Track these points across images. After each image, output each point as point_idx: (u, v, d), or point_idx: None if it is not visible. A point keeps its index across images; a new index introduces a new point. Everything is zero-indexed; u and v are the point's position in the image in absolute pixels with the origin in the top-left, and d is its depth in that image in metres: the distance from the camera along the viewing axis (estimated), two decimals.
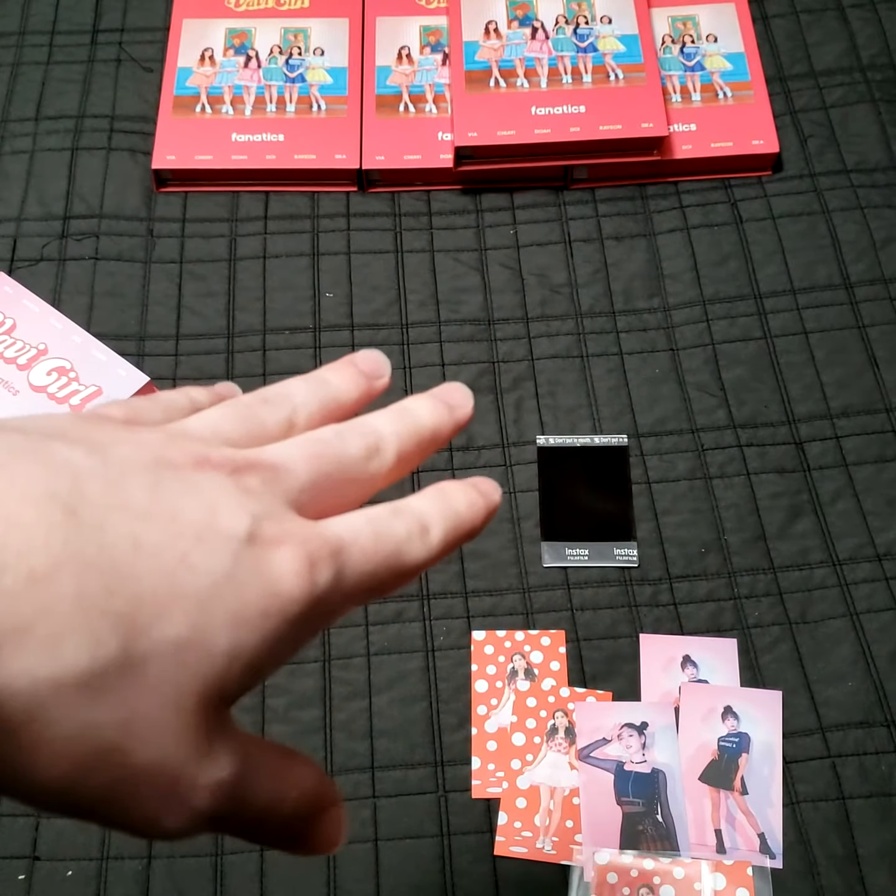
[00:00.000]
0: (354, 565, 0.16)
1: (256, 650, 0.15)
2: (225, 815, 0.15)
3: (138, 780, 0.14)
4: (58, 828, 0.40)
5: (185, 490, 0.15)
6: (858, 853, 0.40)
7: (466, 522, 0.18)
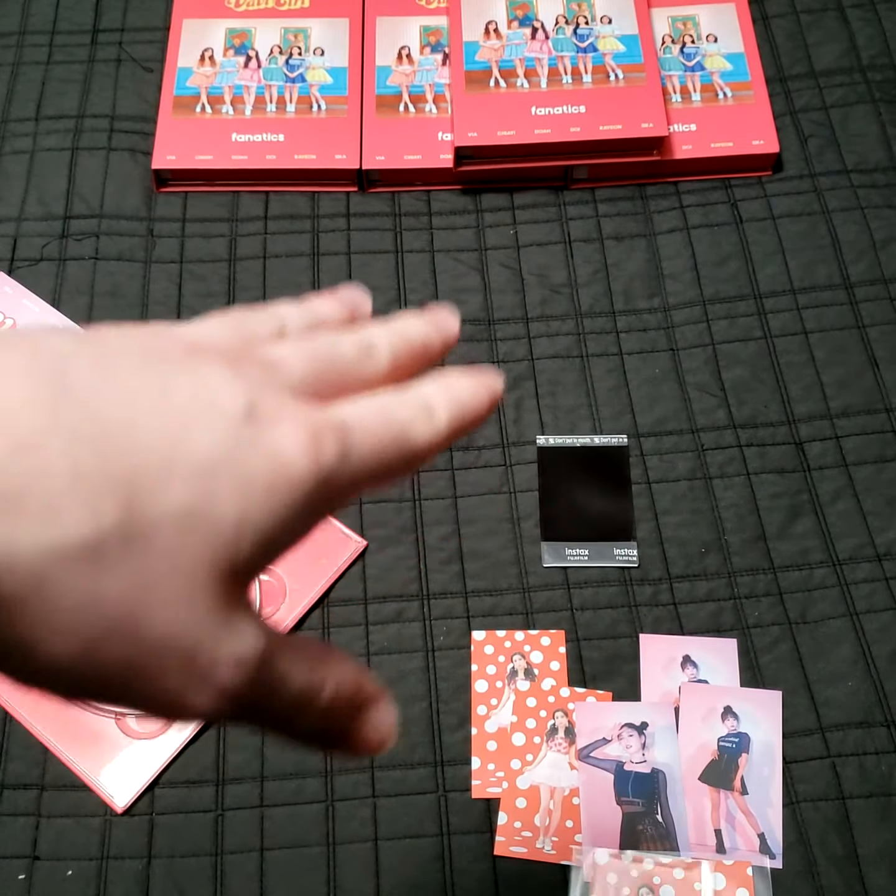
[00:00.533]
0: (360, 444, 0.16)
1: (265, 524, 0.14)
2: (254, 700, 0.15)
3: (152, 654, 0.13)
4: (58, 827, 0.40)
5: (179, 371, 0.15)
6: (858, 853, 0.40)
7: (470, 409, 0.18)
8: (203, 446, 0.14)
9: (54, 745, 0.41)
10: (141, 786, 0.41)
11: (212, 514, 0.14)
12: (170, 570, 0.13)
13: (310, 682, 0.16)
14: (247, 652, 0.15)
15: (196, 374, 0.15)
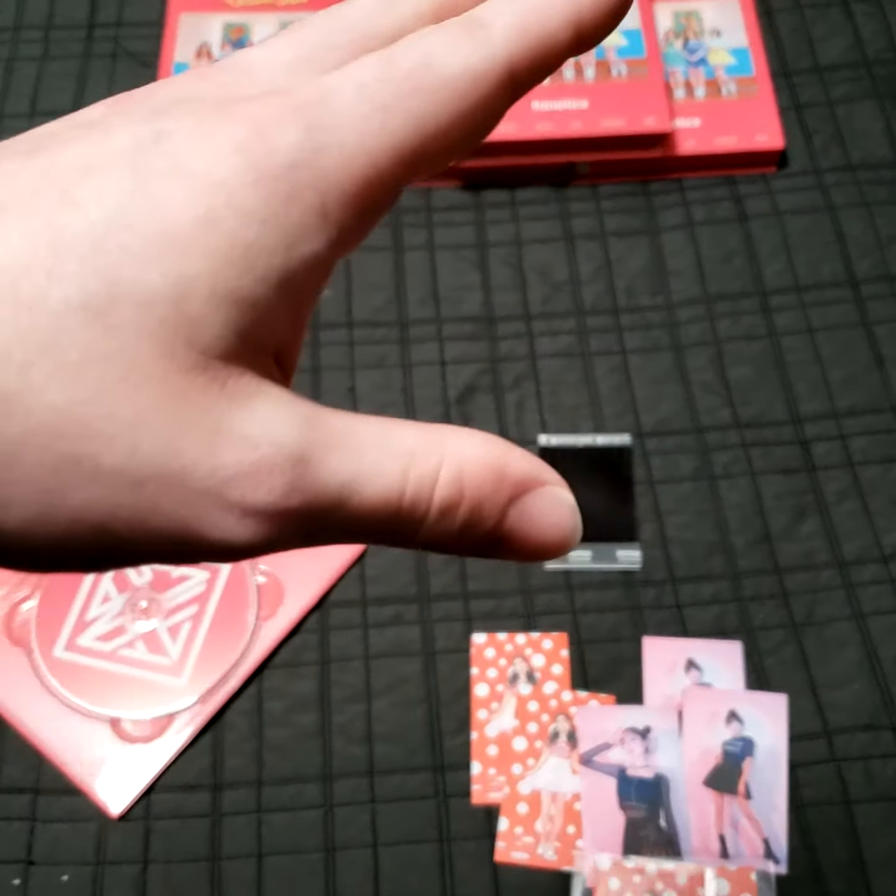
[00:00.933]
0: (348, 110, 0.12)
1: (210, 267, 0.11)
2: (314, 514, 0.12)
3: (131, 485, 0.11)
4: (53, 832, 0.40)
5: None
6: (864, 858, 0.39)
7: (566, 7, 0.13)
8: (91, 213, 0.11)
9: (48, 749, 0.41)
10: (136, 791, 0.40)
11: (129, 289, 0.11)
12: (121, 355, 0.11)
13: (406, 477, 0.12)
14: (269, 453, 0.11)
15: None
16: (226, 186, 0.11)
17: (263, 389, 0.12)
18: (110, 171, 0.12)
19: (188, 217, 0.11)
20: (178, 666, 0.42)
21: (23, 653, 0.43)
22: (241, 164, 0.12)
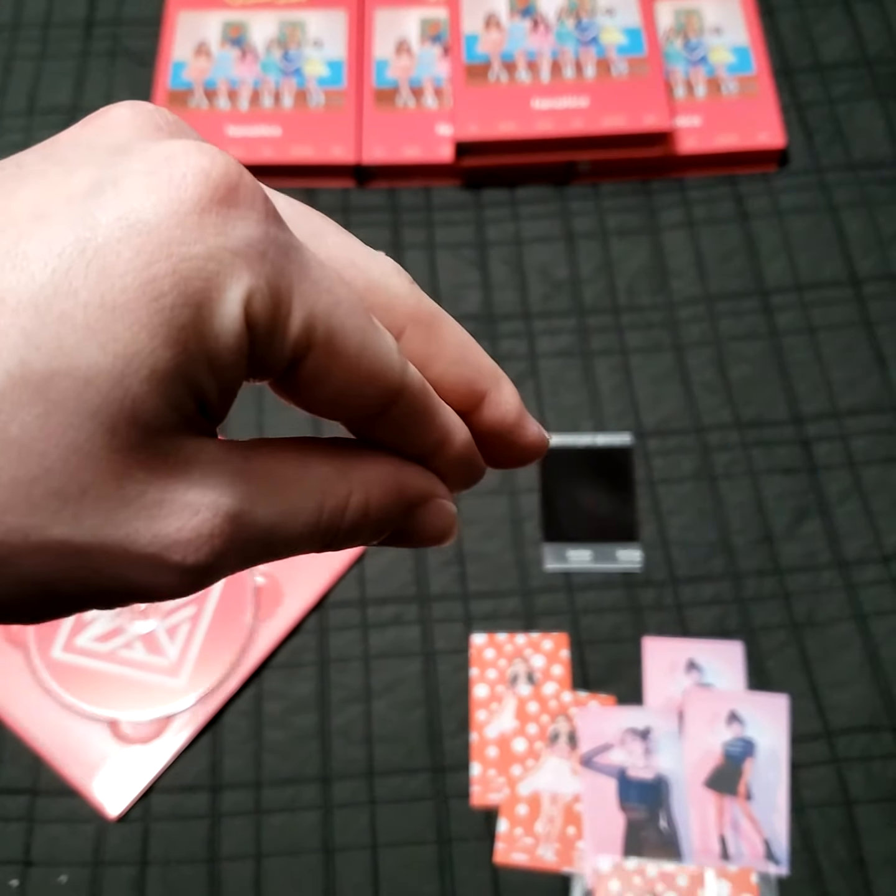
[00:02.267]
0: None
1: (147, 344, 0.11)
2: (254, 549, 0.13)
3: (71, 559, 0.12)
4: (51, 833, 0.40)
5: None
6: (865, 859, 0.39)
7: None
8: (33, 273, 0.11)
9: (47, 750, 0.41)
10: (135, 792, 0.40)
11: (69, 364, 0.11)
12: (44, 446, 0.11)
13: (322, 509, 0.14)
14: (205, 521, 0.13)
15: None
16: (172, 252, 0.12)
17: (199, 456, 0.13)
18: (59, 224, 0.12)
19: (134, 285, 0.11)
20: (176, 667, 0.42)
21: (21, 654, 0.43)
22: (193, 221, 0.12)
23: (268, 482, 0.14)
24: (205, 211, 0.12)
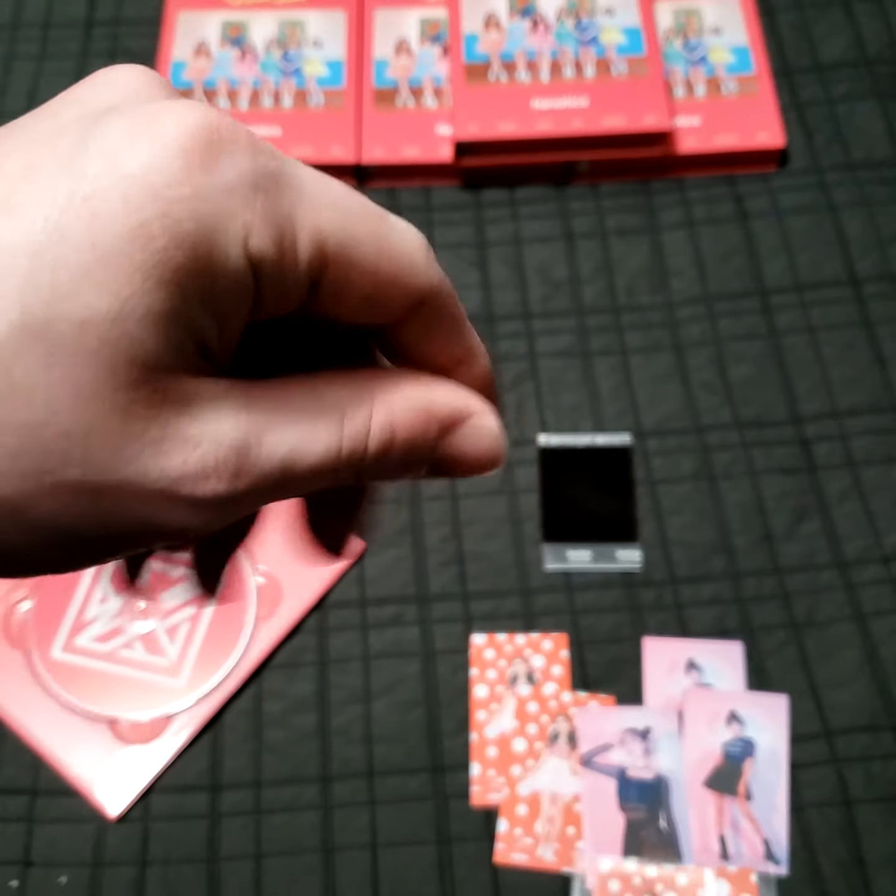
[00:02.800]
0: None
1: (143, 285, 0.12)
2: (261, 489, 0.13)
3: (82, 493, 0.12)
4: (51, 833, 0.40)
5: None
6: (865, 859, 0.39)
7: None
8: (27, 223, 0.12)
9: (47, 750, 0.41)
10: (135, 792, 0.40)
11: (66, 307, 0.11)
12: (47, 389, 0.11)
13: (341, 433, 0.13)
14: (212, 450, 0.12)
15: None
16: (159, 195, 0.12)
17: (200, 391, 0.13)
18: (49, 176, 0.12)
19: (124, 231, 0.12)
20: (176, 667, 0.42)
21: (20, 654, 0.43)
22: (178, 165, 0.12)
23: (277, 411, 0.13)
24: (189, 153, 0.12)
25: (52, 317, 0.11)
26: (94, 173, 0.12)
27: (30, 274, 0.11)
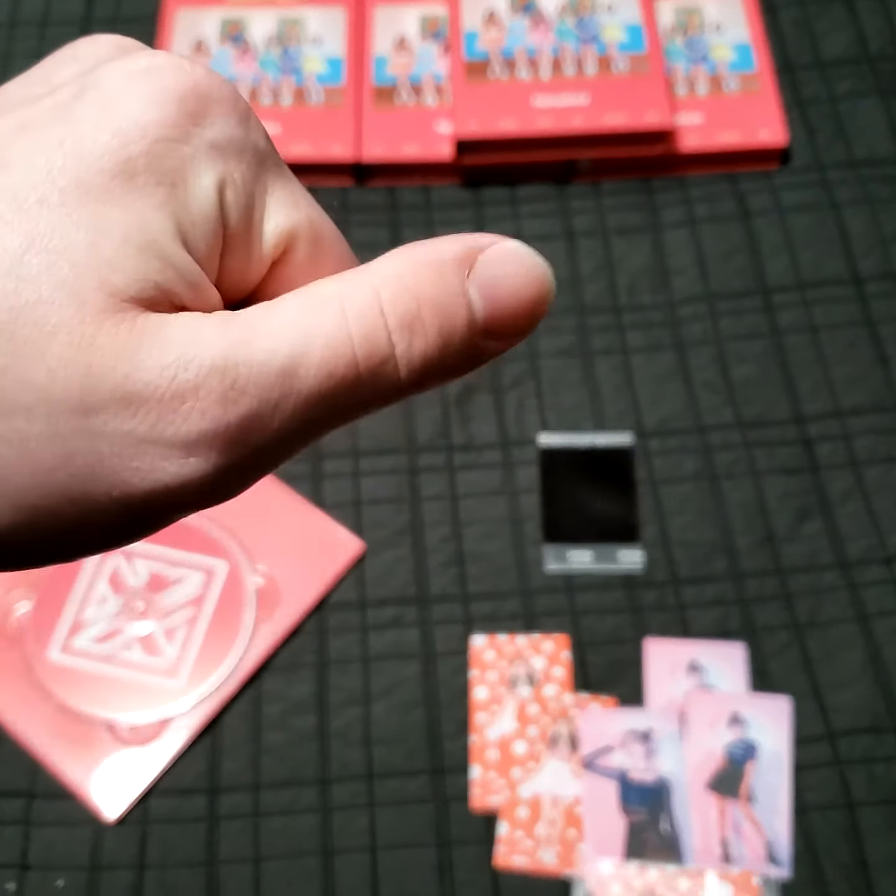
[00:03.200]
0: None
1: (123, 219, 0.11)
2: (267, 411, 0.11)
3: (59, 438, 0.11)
4: (49, 836, 0.40)
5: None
6: (867, 861, 0.39)
7: None
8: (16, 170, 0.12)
9: (44, 753, 0.41)
10: (133, 794, 0.40)
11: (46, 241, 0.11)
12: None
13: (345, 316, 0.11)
14: (189, 376, 0.11)
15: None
16: (147, 133, 0.12)
17: (173, 320, 0.12)
18: (42, 129, 0.12)
19: (108, 166, 0.12)
20: (174, 669, 0.42)
21: (18, 655, 0.42)
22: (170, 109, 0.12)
23: (265, 321, 0.11)
24: (184, 101, 0.12)
25: (27, 248, 0.11)
26: (85, 117, 0.12)
27: (10, 215, 0.11)
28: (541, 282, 0.13)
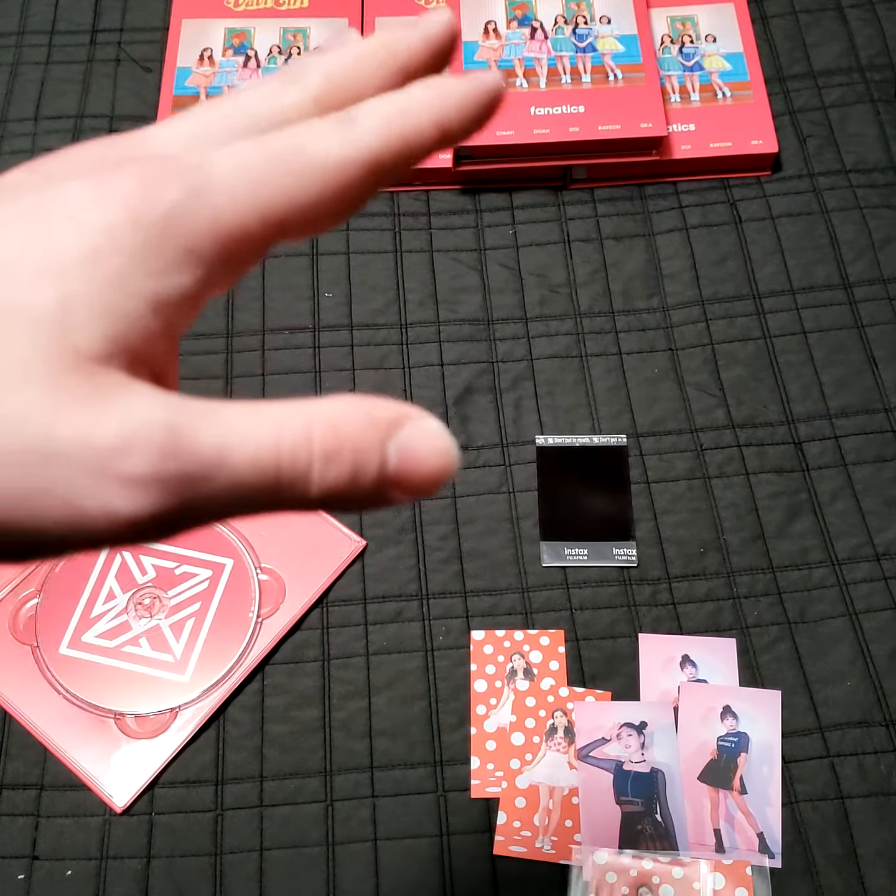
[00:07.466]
0: (228, 176, 0.14)
1: (92, 287, 0.13)
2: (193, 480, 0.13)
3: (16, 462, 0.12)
4: (57, 827, 0.40)
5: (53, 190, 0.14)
6: (857, 852, 0.40)
7: (431, 107, 0.15)
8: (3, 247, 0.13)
9: (53, 744, 0.41)
10: (140, 786, 0.41)
11: (19, 306, 0.13)
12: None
13: (278, 440, 0.13)
14: (140, 427, 0.13)
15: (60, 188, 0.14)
16: (110, 229, 0.13)
17: (135, 385, 0.13)
18: (14, 226, 0.14)
19: (76, 252, 0.13)
20: (181, 663, 0.43)
21: (28, 650, 0.43)
22: (125, 212, 0.14)
23: (211, 413, 0.13)
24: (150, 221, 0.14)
25: (7, 318, 0.13)
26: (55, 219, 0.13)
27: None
28: (448, 459, 0.14)
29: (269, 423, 0.13)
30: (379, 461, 0.14)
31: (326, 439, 0.13)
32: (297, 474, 0.13)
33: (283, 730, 0.42)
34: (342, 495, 0.14)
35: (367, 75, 0.16)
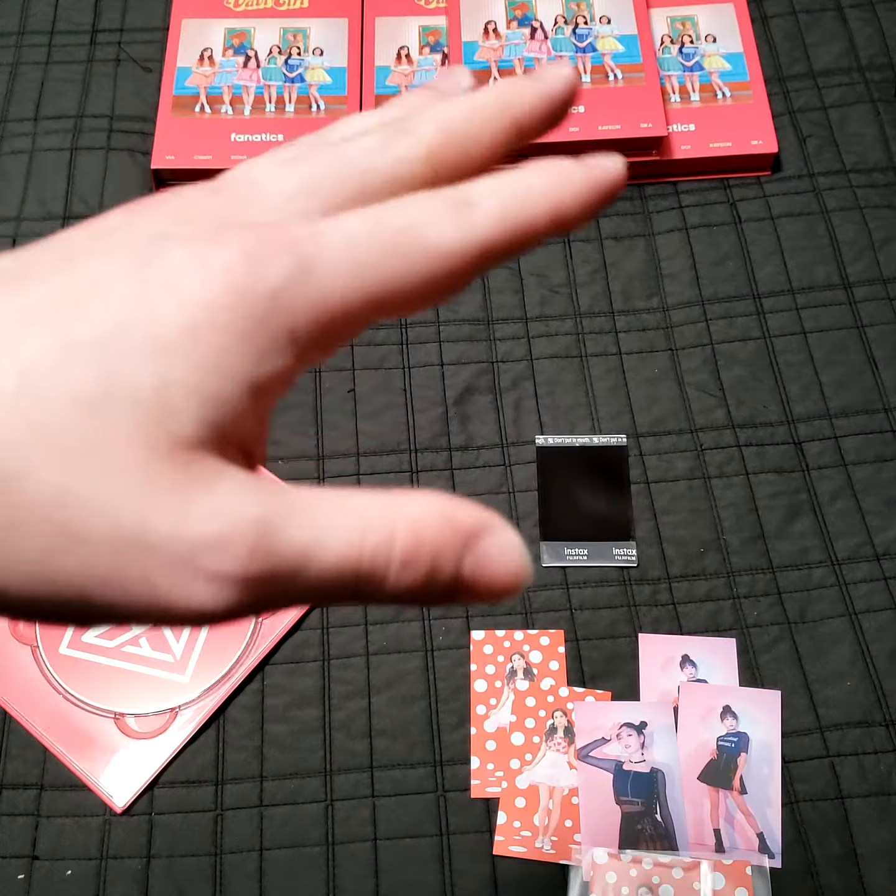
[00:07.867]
0: (335, 256, 0.13)
1: (196, 376, 0.13)
2: (284, 579, 0.13)
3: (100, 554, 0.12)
4: (57, 827, 0.40)
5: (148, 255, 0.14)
6: (857, 852, 0.40)
7: (548, 197, 0.14)
8: (96, 321, 0.13)
9: (53, 744, 0.42)
10: (140, 786, 0.41)
11: (121, 386, 0.13)
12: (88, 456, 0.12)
13: (363, 540, 0.13)
14: (232, 522, 0.13)
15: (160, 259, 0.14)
16: (210, 305, 0.13)
17: (228, 472, 0.13)
18: (117, 285, 0.13)
19: (176, 326, 0.13)
20: (181, 663, 0.43)
21: (28, 650, 0.43)
22: (226, 287, 0.13)
23: (301, 506, 0.13)
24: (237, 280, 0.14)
25: (108, 393, 0.13)
26: (155, 285, 0.13)
27: (94, 360, 0.13)
28: (521, 575, 0.14)
29: (355, 521, 0.13)
30: (454, 571, 0.14)
31: (408, 544, 0.14)
32: (375, 575, 0.14)
33: (283, 730, 0.42)
34: (415, 596, 0.14)
35: (480, 129, 0.16)
